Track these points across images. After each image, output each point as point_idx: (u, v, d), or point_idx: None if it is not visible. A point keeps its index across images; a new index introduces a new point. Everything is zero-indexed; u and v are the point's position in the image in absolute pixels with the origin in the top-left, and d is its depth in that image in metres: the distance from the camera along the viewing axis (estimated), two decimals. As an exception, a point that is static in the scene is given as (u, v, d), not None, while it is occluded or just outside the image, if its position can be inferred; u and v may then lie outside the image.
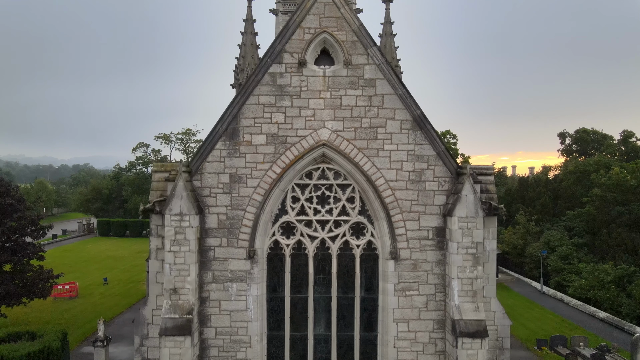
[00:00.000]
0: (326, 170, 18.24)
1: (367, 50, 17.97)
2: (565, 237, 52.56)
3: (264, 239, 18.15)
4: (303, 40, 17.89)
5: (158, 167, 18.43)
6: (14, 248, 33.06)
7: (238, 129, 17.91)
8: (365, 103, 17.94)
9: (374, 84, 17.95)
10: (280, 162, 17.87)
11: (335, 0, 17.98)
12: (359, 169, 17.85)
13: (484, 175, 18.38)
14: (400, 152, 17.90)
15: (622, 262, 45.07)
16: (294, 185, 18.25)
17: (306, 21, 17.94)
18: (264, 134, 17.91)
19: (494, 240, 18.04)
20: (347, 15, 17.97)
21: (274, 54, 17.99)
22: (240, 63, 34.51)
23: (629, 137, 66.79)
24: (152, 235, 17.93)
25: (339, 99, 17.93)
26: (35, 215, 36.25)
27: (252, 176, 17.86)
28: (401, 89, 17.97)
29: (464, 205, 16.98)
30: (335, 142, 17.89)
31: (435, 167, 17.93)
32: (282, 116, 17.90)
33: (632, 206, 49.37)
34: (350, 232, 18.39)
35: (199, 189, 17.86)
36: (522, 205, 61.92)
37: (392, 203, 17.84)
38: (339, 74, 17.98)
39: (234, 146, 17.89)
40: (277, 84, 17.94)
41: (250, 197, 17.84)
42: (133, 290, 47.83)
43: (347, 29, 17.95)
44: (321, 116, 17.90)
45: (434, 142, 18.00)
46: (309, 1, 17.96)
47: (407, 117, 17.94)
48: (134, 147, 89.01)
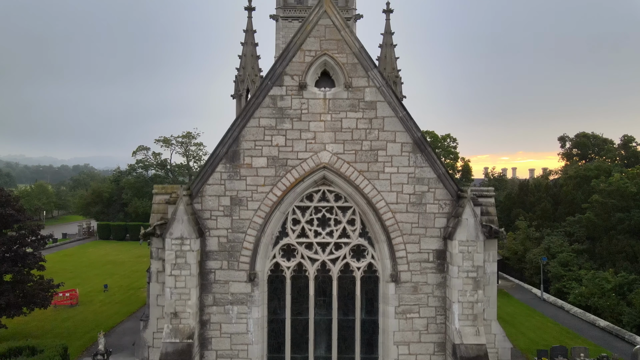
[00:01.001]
0: (327, 192, 18.25)
1: (367, 73, 17.96)
2: (566, 243, 52.49)
3: (265, 262, 18.15)
4: (303, 62, 17.88)
5: (159, 190, 18.44)
6: (15, 258, 33.07)
7: (239, 151, 17.91)
8: (365, 125, 17.94)
9: (375, 106, 17.94)
10: (281, 185, 17.87)
11: (335, 23, 17.96)
12: (359, 192, 17.85)
13: (485, 197, 18.39)
14: (400, 174, 17.90)
15: (622, 270, 45.02)
16: (294, 208, 18.26)
17: (307, 43, 17.92)
18: (265, 156, 17.91)
19: (494, 263, 18.05)
20: (347, 37, 17.95)
21: (275, 76, 17.98)
22: (240, 74, 34.46)
23: (629, 142, 66.72)
24: (153, 258, 17.94)
25: (340, 121, 17.92)
26: (36, 225, 36.25)
27: (252, 199, 17.86)
28: (402, 111, 17.96)
29: (465, 229, 16.99)
30: (336, 165, 17.88)
31: (436, 190, 17.93)
32: (282, 139, 17.90)
33: (633, 213, 49.30)
34: (351, 254, 18.40)
35: (199, 212, 17.86)
36: (522, 210, 61.83)
37: (393, 226, 17.85)
38: (339, 96, 17.97)
39: (234, 169, 17.89)
40: (278, 106, 17.93)
41: (250, 220, 17.85)
42: (133, 298, 47.78)
43: (348, 52, 17.94)
44: (322, 139, 17.89)
45: (434, 164, 17.99)
46: (309, 24, 17.94)
47: (408, 140, 17.94)
48: (134, 151, 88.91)
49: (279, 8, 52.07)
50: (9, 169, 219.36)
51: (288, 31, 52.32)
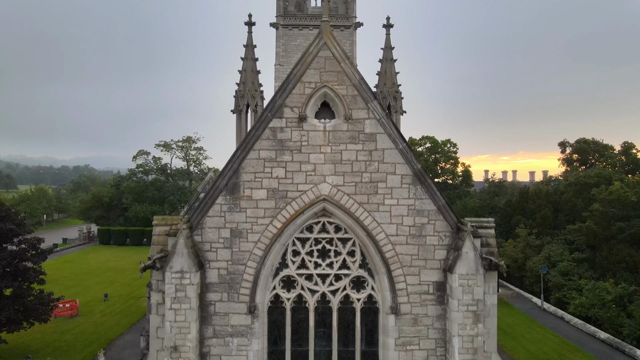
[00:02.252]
0: (327, 224, 18.25)
1: (367, 105, 17.94)
2: (566, 252, 52.46)
3: (265, 293, 18.16)
4: (303, 94, 17.86)
5: (159, 221, 18.42)
6: (15, 273, 33.11)
7: (239, 183, 17.90)
8: (365, 157, 17.93)
9: (375, 138, 17.93)
10: (281, 217, 17.87)
11: (335, 55, 17.93)
12: (359, 224, 17.85)
13: (484, 229, 18.37)
14: (400, 206, 17.90)
15: (622, 280, 45.02)
16: (294, 239, 18.26)
17: (307, 75, 17.90)
18: (265, 188, 17.91)
19: (494, 295, 18.05)
20: (347, 69, 17.93)
21: (275, 108, 17.96)
22: (240, 89, 34.38)
23: (629, 149, 66.73)
24: (153, 290, 17.94)
25: (340, 153, 17.91)
26: (35, 239, 36.26)
27: (252, 231, 17.86)
28: (401, 143, 17.95)
29: (465, 263, 16.99)
30: (336, 197, 17.88)
31: (436, 222, 17.93)
32: (282, 171, 17.90)
33: (633, 222, 49.26)
34: (351, 285, 18.40)
35: (199, 244, 17.86)
36: (522, 217, 61.81)
37: (393, 258, 17.85)
38: (339, 128, 17.96)
39: (234, 201, 17.89)
40: (278, 138, 17.93)
41: (251, 252, 17.85)
42: (134, 308, 47.82)
43: (348, 83, 17.92)
44: (322, 171, 17.89)
45: (434, 196, 17.98)
46: (309, 55, 17.92)
47: (408, 172, 17.93)
48: (135, 155, 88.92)
49: (279, 16, 52.05)
50: (9, 169, 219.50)
51: (288, 39, 52.33)
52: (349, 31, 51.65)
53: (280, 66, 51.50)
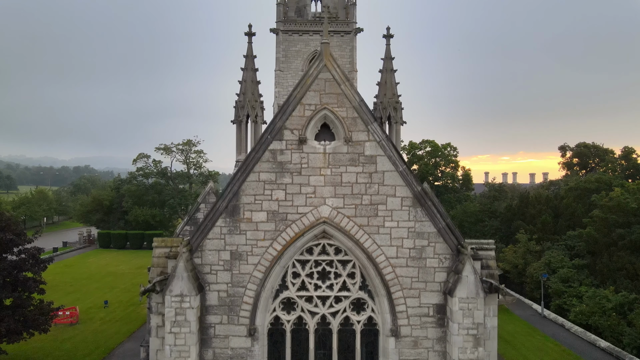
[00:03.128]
0: (327, 246, 18.23)
1: (367, 127, 17.91)
2: (566, 258, 52.45)
3: (265, 315, 18.14)
4: (303, 116, 17.83)
5: (159, 243, 18.40)
6: (14, 283, 33.08)
7: (238, 206, 17.88)
8: (365, 180, 17.90)
9: (375, 160, 17.90)
10: (281, 239, 17.85)
11: (335, 77, 17.89)
12: (359, 246, 17.83)
13: (485, 250, 18.35)
14: (400, 229, 17.87)
15: (622, 288, 45.02)
16: (294, 261, 18.25)
17: (307, 97, 17.87)
18: (265, 210, 17.89)
19: (495, 317, 18.04)
20: (347, 91, 17.89)
21: (274, 130, 17.93)
22: (240, 100, 34.31)
23: (629, 153, 66.72)
24: (153, 312, 17.94)
25: (340, 175, 17.89)
26: (35, 249, 36.22)
27: (252, 253, 17.85)
28: (402, 165, 17.92)
29: (465, 286, 16.98)
30: (336, 219, 17.85)
31: (436, 244, 17.91)
32: (282, 193, 17.87)
33: (634, 228, 49.25)
34: (351, 307, 18.39)
35: (199, 266, 17.85)
36: (522, 222, 61.79)
37: (393, 280, 17.83)
38: (339, 150, 17.93)
39: (234, 223, 17.87)
40: (278, 160, 17.90)
41: (251, 274, 17.84)
42: (134, 315, 47.81)
43: (348, 106, 17.88)
44: (322, 193, 17.86)
45: (434, 218, 17.95)
46: (309, 77, 17.88)
47: (408, 194, 17.90)
48: (135, 159, 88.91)
49: (279, 22, 52.05)
50: (9, 170, 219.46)
51: (288, 44, 52.36)
52: (349, 37, 51.69)
53: (281, 72, 51.55)
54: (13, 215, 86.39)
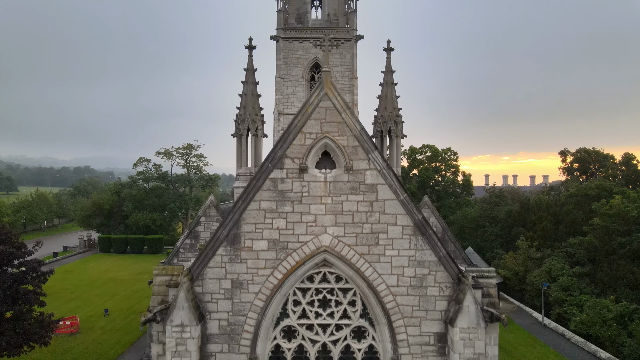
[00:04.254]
0: (327, 274, 18.22)
1: (368, 156, 17.87)
2: (567, 266, 52.45)
3: (265, 344, 18.13)
4: (304, 145, 17.80)
5: (159, 271, 18.37)
6: (15, 296, 33.10)
7: (239, 234, 17.86)
8: (366, 208, 17.88)
9: (376, 189, 17.87)
10: (282, 268, 17.83)
11: (336, 105, 17.86)
12: (360, 275, 17.82)
13: (485, 278, 18.32)
14: (401, 257, 17.86)
15: (623, 297, 45.04)
16: (295, 289, 18.23)
17: (307, 126, 17.84)
18: (266, 239, 17.87)
19: (495, 347, 18.01)
20: (348, 120, 17.86)
21: (275, 159, 17.90)
22: (241, 113, 34.29)
23: (630, 160, 66.66)
24: (153, 341, 17.93)
25: (340, 204, 17.86)
26: (36, 261, 36.22)
27: (253, 282, 17.83)
28: (402, 194, 17.89)
29: (466, 316, 16.96)
30: (337, 248, 17.84)
31: (437, 273, 17.89)
32: (283, 222, 17.85)
33: (634, 237, 49.24)
34: (352, 335, 18.37)
35: (200, 295, 17.83)
36: (523, 228, 61.79)
37: (394, 309, 17.82)
38: (340, 179, 17.90)
39: (235, 252, 17.85)
40: (279, 189, 17.87)
41: (251, 303, 17.82)
42: (134, 324, 47.81)
43: (349, 134, 17.85)
44: (322, 222, 17.84)
45: (435, 247, 17.93)
46: (310, 106, 17.85)
47: (409, 223, 17.88)
48: (135, 163, 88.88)
49: (280, 29, 51.90)
50: (10, 171, 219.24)
51: (289, 52, 52.22)
52: (350, 44, 51.56)
53: (281, 79, 51.44)
54: (13, 223, 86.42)
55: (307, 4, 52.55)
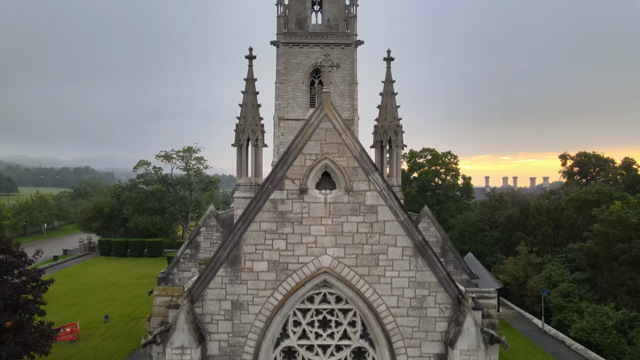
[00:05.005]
0: (327, 294, 18.22)
1: (368, 177, 17.87)
2: (567, 272, 52.45)
3: (266, 365, 18.13)
4: (304, 166, 17.79)
5: (160, 291, 18.37)
6: (15, 306, 33.13)
7: (239, 255, 17.86)
8: (366, 230, 17.88)
9: (376, 210, 17.87)
10: (282, 289, 17.84)
11: (336, 126, 17.85)
12: (360, 296, 17.83)
13: (485, 299, 18.32)
14: (401, 278, 17.87)
15: (623, 304, 45.03)
16: (295, 310, 18.23)
17: (307, 147, 17.82)
18: (266, 260, 17.88)
19: (495, 367, 18.01)
20: (348, 141, 17.85)
21: (275, 180, 17.89)
22: (241, 123, 34.27)
23: (630, 164, 66.68)
24: (154, 363, 17.92)
25: (340, 225, 17.86)
26: (36, 271, 36.24)
27: (253, 303, 17.84)
28: (402, 215, 17.88)
29: (466, 339, 16.97)
30: (337, 269, 17.84)
31: (437, 294, 17.89)
32: (283, 243, 17.86)
33: (634, 243, 49.22)
34: (352, 356, 18.39)
35: (200, 316, 17.83)
36: (523, 233, 61.77)
37: (394, 330, 17.82)
38: (340, 200, 17.89)
39: (235, 273, 17.86)
40: (279, 210, 17.87)
41: (252, 324, 17.83)
42: (134, 330, 47.85)
43: (349, 155, 17.84)
44: (322, 243, 17.84)
45: (435, 268, 17.92)
46: (310, 127, 17.84)
47: (409, 244, 17.88)
48: (135, 166, 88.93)
49: (280, 34, 51.84)
50: (10, 172, 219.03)
51: (289, 57, 52.17)
52: (350, 49, 51.52)
53: (281, 84, 51.39)
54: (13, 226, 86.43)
55: (307, 9, 52.50)
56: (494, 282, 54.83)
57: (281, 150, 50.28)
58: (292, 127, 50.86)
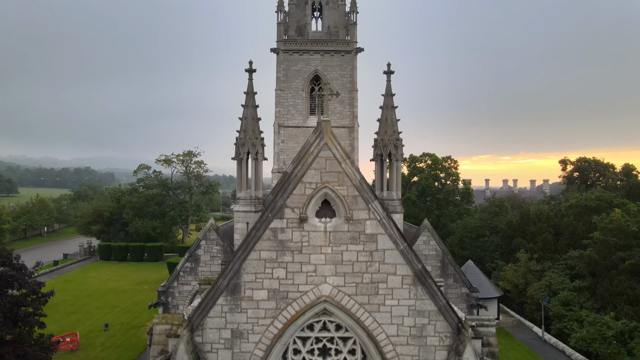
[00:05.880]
0: (327, 322, 18.22)
1: (368, 205, 17.86)
2: (567, 280, 52.48)
3: (266, 393, 18.13)
4: (304, 195, 17.79)
5: (160, 320, 18.40)
6: (15, 319, 33.13)
7: (239, 284, 17.87)
8: (366, 258, 17.88)
9: (375, 239, 17.87)
10: (282, 318, 17.85)
11: (336, 155, 17.83)
12: (360, 325, 17.84)
13: (485, 327, 18.35)
14: (401, 307, 17.87)
15: (623, 314, 45.05)
16: (295, 338, 18.24)
17: (307, 176, 17.81)
18: (266, 289, 17.88)
19: (495, 396, 18.03)
20: (348, 170, 17.84)
21: (275, 209, 17.89)
22: (241, 137, 34.10)
23: (630, 171, 66.69)
24: (154, 391, 17.94)
25: (340, 254, 17.87)
26: (36, 283, 36.21)
27: (253, 331, 17.85)
28: (402, 243, 17.88)
29: (466, 369, 16.96)
30: (337, 298, 17.85)
31: (437, 323, 17.90)
32: (283, 271, 17.87)
33: (634, 252, 49.24)
34: (352, 383, 18.38)
35: (200, 345, 17.84)
36: (523, 240, 61.79)
37: (394, 358, 17.85)
38: (340, 229, 17.89)
39: (235, 301, 17.86)
40: (279, 239, 17.87)
41: (251, 353, 17.85)
42: (134, 340, 47.89)
43: (349, 184, 17.84)
44: (322, 271, 17.85)
45: (435, 297, 17.93)
46: (310, 156, 17.82)
47: (408, 273, 17.88)
48: (135, 170, 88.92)
49: (280, 41, 51.77)
50: (10, 172, 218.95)
51: (289, 64, 52.14)
52: (350, 56, 51.49)
53: (281, 91, 51.35)
54: (14, 230, 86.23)
55: (307, 16, 52.45)
56: (494, 289, 54.90)
57: (281, 157, 50.27)
58: (292, 134, 50.87)
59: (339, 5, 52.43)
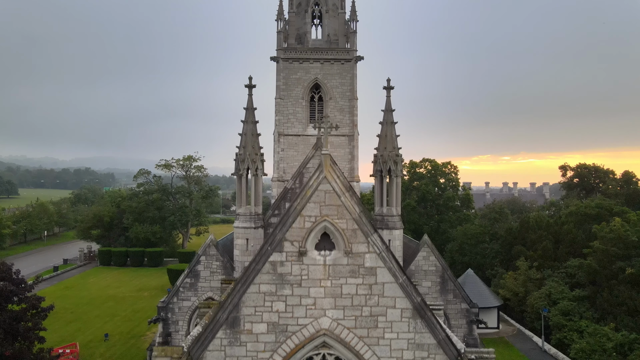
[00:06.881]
0: (327, 355, 18.22)
1: (367, 239, 17.85)
2: (567, 289, 52.47)
3: None
4: (303, 228, 17.77)
5: (159, 352, 18.37)
6: (15, 334, 33.13)
7: (239, 317, 17.86)
8: (365, 292, 17.88)
9: (375, 272, 17.86)
10: (281, 351, 17.85)
11: (336, 189, 17.81)
12: (359, 358, 17.85)
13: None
14: (400, 340, 17.87)
15: (623, 325, 45.05)
16: (294, 371, 18.22)
17: (307, 209, 17.79)
18: (265, 322, 17.88)
19: None
20: (347, 203, 17.82)
21: (275, 242, 17.87)
22: (240, 153, 34.05)
23: (630, 178, 66.69)
24: None
25: (340, 287, 17.86)
26: (35, 297, 36.20)
27: (252, 365, 17.83)
28: (401, 276, 17.87)
29: (465, 404, 16.96)
30: (336, 331, 17.84)
31: (436, 356, 17.90)
32: (282, 305, 17.86)
33: (634, 262, 49.22)
34: (351, 416, 18.36)
35: (199, 378, 17.83)
36: (523, 247, 61.77)
37: (393, 392, 17.82)
38: (339, 262, 17.88)
39: (234, 335, 17.86)
40: (278, 272, 17.86)
41: (251, 386, 17.82)
42: (134, 350, 47.91)
43: (348, 217, 17.82)
44: (322, 305, 17.84)
45: (434, 330, 17.92)
46: (309, 189, 17.80)
47: (408, 306, 17.87)
48: (135, 175, 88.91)
49: (280, 50, 51.66)
50: (10, 173, 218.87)
51: (289, 72, 52.03)
52: (350, 64, 51.37)
53: (281, 99, 51.23)
54: (14, 234, 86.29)
55: (307, 24, 52.28)
56: (493, 298, 54.93)
57: (281, 166, 50.21)
58: (292, 143, 50.75)
59: (339, 14, 52.30)
